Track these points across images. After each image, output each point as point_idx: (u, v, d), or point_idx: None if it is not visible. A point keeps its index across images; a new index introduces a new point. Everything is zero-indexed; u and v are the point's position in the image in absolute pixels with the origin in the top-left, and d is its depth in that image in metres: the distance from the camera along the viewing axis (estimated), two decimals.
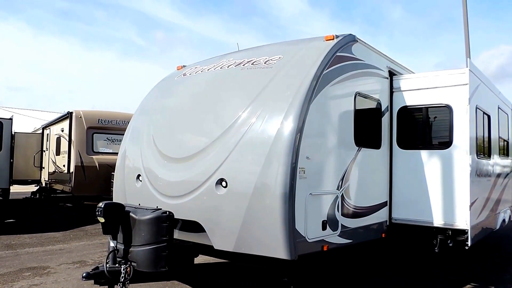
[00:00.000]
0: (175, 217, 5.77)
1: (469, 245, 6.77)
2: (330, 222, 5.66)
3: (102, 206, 5.34)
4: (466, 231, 6.79)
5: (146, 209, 5.61)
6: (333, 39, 6.12)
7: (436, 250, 7.26)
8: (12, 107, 40.59)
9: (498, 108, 9.53)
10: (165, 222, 5.32)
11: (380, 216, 7.14)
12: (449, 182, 7.00)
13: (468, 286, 7.46)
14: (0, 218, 14.41)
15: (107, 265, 5.37)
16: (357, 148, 6.39)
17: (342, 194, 5.97)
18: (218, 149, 5.59)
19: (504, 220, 9.77)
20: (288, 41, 6.86)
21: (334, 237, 5.77)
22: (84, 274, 5.27)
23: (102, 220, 5.36)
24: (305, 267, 6.11)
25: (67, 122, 15.38)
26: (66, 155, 14.98)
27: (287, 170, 4.99)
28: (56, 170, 16.85)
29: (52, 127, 18.23)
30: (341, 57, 6.07)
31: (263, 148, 5.22)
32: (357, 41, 6.50)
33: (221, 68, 6.67)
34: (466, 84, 6.89)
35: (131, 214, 5.47)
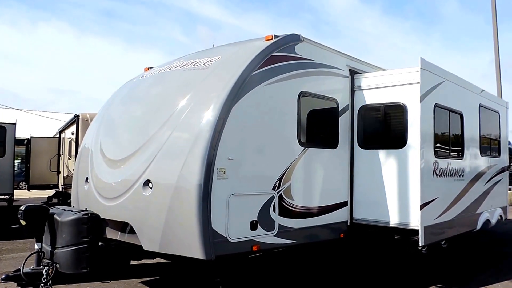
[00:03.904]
0: (113, 219, 5.89)
1: (420, 245, 6.62)
2: (262, 223, 5.65)
3: (23, 209, 5.33)
4: (418, 231, 6.65)
5: (71, 211, 5.68)
6: (271, 39, 6.12)
7: (424, 251, 7.10)
8: (53, 111, 41.57)
9: (480, 106, 9.27)
10: (86, 223, 5.38)
11: (338, 216, 7.06)
12: (404, 181, 6.90)
13: (432, 287, 7.29)
14: (5, 223, 14.65)
15: (30, 267, 5.42)
16: (303, 148, 6.34)
17: (281, 194, 5.94)
18: (148, 150, 5.64)
19: (488, 220, 9.46)
20: (234, 42, 6.89)
21: (268, 238, 5.75)
22: (3, 276, 5.32)
23: (23, 222, 5.36)
24: (242, 266, 6.10)
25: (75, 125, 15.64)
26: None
27: (201, 171, 5.00)
28: (69, 175, 17.11)
29: (66, 131, 18.48)
30: (278, 57, 6.05)
31: (184, 148, 5.25)
32: (302, 41, 6.47)
33: (169, 70, 6.74)
34: (417, 83, 6.75)
35: (55, 216, 5.52)
